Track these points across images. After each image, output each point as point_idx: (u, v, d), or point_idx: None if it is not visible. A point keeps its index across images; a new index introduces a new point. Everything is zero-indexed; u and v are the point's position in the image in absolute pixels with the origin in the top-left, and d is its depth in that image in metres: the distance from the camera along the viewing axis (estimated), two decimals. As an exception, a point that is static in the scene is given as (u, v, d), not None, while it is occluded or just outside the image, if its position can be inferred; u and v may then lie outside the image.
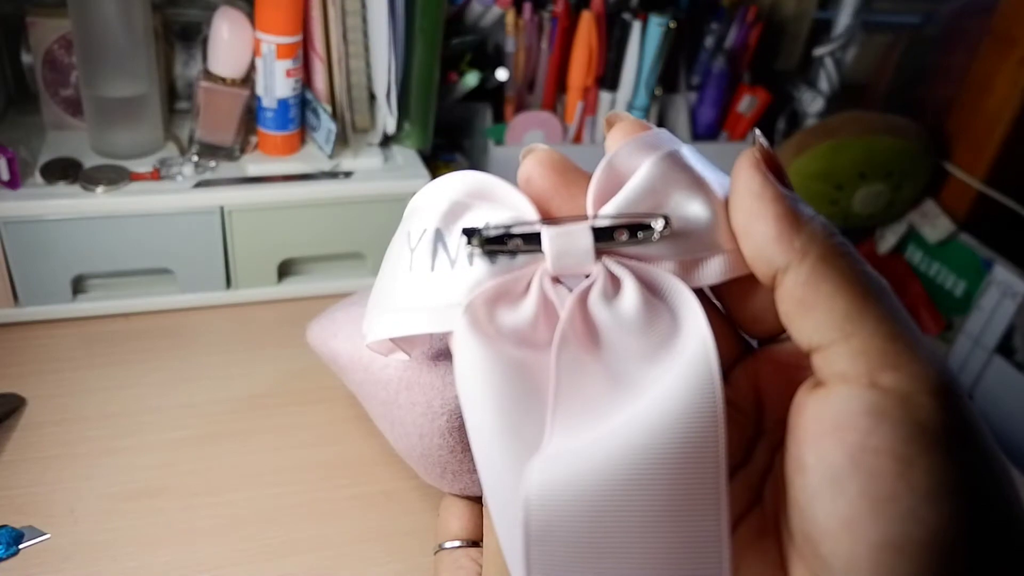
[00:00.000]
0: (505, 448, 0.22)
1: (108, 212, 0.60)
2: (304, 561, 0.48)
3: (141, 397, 0.57)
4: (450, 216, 0.25)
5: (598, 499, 0.20)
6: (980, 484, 0.19)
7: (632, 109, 0.84)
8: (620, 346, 0.23)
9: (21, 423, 0.54)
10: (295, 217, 0.65)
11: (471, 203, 0.25)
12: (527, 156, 0.25)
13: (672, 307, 0.23)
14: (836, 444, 0.19)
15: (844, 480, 0.19)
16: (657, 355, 0.22)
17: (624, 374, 0.22)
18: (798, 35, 0.94)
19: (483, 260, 0.24)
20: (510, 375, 0.22)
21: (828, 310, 0.20)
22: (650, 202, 0.23)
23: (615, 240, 0.23)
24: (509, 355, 0.23)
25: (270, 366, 0.61)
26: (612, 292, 0.23)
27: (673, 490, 0.20)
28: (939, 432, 0.19)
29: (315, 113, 0.67)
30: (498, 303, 0.23)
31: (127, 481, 0.51)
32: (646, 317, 0.22)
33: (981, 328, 0.84)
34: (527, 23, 0.78)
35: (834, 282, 0.20)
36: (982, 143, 0.81)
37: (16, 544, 0.46)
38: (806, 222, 0.22)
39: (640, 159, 0.23)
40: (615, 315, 0.22)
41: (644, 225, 0.23)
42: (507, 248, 0.23)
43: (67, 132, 0.66)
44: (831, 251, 0.21)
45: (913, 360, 0.19)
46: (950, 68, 0.89)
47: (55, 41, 0.63)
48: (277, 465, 0.53)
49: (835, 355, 0.20)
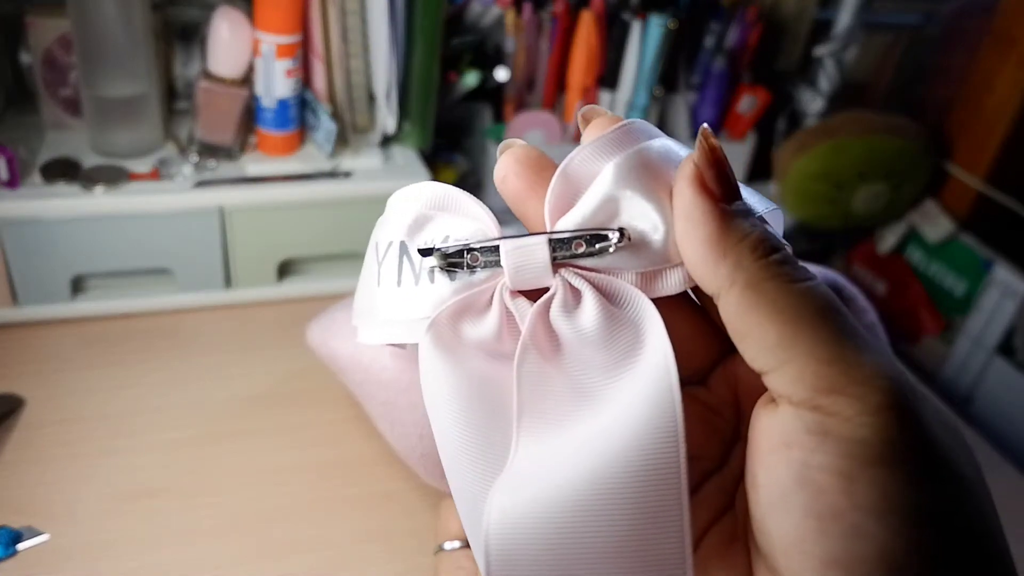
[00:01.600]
0: (472, 461, 0.22)
1: (107, 212, 0.60)
2: (304, 561, 0.48)
3: (141, 397, 0.57)
4: (414, 228, 0.25)
5: (559, 527, 0.20)
6: (932, 499, 0.18)
7: (632, 109, 0.84)
8: (582, 358, 0.22)
9: (20, 423, 0.54)
10: (295, 217, 0.65)
11: (433, 215, 0.25)
12: (503, 153, 0.24)
13: (633, 319, 0.22)
14: (782, 462, 0.19)
15: (791, 497, 0.19)
16: (619, 368, 0.22)
17: (586, 387, 0.22)
18: (798, 35, 0.94)
19: (444, 276, 0.24)
20: (476, 389, 0.22)
21: (760, 339, 0.20)
22: (608, 211, 0.22)
23: (573, 252, 0.22)
24: (474, 369, 0.23)
25: (270, 366, 0.61)
26: (573, 304, 0.22)
27: (635, 513, 0.20)
28: (882, 448, 0.18)
29: (315, 113, 0.67)
30: (462, 318, 0.23)
31: (126, 481, 0.51)
32: (607, 329, 0.22)
33: (981, 328, 0.84)
34: (527, 23, 0.78)
35: (762, 310, 0.20)
36: (982, 143, 0.81)
37: (15, 544, 0.46)
38: (733, 244, 0.20)
39: (599, 164, 0.23)
40: (575, 327, 0.22)
41: (601, 236, 0.22)
42: (466, 263, 0.23)
43: (66, 132, 0.66)
44: (759, 276, 0.20)
45: (852, 382, 0.19)
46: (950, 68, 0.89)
47: (54, 41, 0.63)
48: (277, 465, 0.53)
49: (777, 378, 0.20)
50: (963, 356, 0.86)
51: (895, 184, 0.82)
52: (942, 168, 0.85)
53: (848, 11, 0.83)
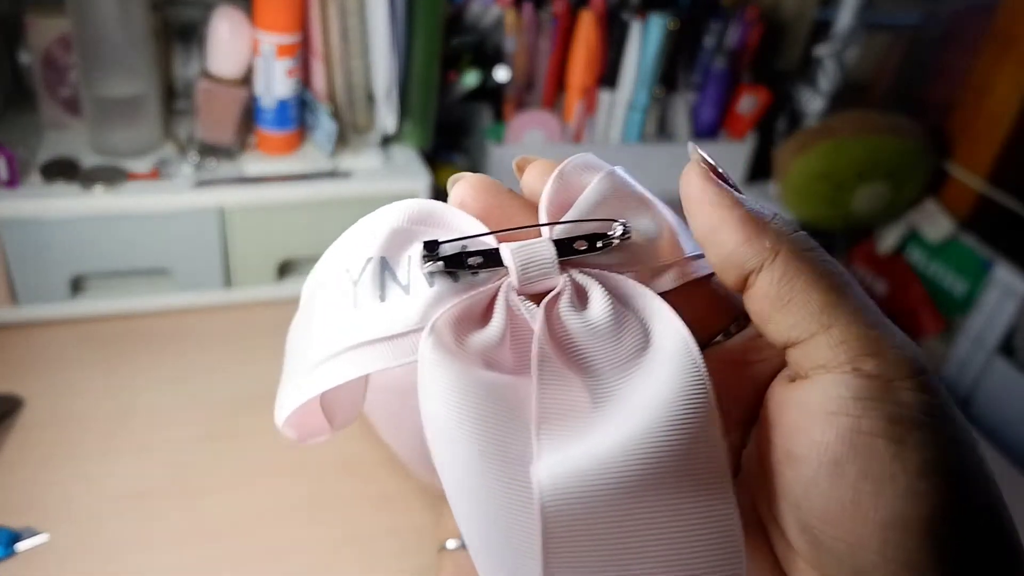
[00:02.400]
0: (491, 469, 0.21)
1: (107, 212, 0.60)
2: (304, 561, 0.48)
3: (140, 397, 0.57)
4: (394, 245, 0.24)
5: (611, 489, 0.20)
6: (964, 460, 0.20)
7: (632, 109, 0.84)
8: (596, 354, 0.22)
9: (19, 423, 0.54)
10: (295, 217, 0.65)
11: (416, 229, 0.24)
12: (455, 185, 0.25)
13: (638, 311, 0.23)
14: (830, 429, 0.20)
15: (844, 463, 0.20)
16: (636, 358, 0.22)
17: (605, 382, 0.22)
18: (798, 35, 0.94)
19: (445, 279, 0.23)
20: (485, 395, 0.22)
21: (804, 304, 0.21)
22: (604, 213, 0.23)
23: (575, 250, 0.23)
24: (480, 376, 0.22)
25: (269, 366, 0.61)
26: (580, 301, 0.23)
27: (681, 475, 0.20)
28: (922, 412, 0.20)
29: (315, 113, 0.67)
30: (463, 322, 0.23)
31: (125, 481, 0.51)
32: (618, 321, 0.22)
33: (981, 328, 0.83)
34: (527, 23, 0.78)
35: (807, 276, 0.21)
36: (982, 143, 0.81)
37: (14, 544, 0.46)
38: (768, 221, 0.22)
39: (587, 175, 0.24)
40: (586, 323, 0.22)
41: (600, 235, 0.23)
42: (467, 265, 0.23)
43: (66, 131, 0.66)
44: (799, 246, 0.21)
45: (891, 346, 0.20)
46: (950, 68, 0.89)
47: (54, 41, 0.63)
48: (277, 465, 0.53)
49: (815, 347, 0.21)
50: (963, 356, 0.86)
51: (895, 184, 0.82)
52: (942, 168, 0.85)
53: (848, 11, 0.83)
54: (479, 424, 0.21)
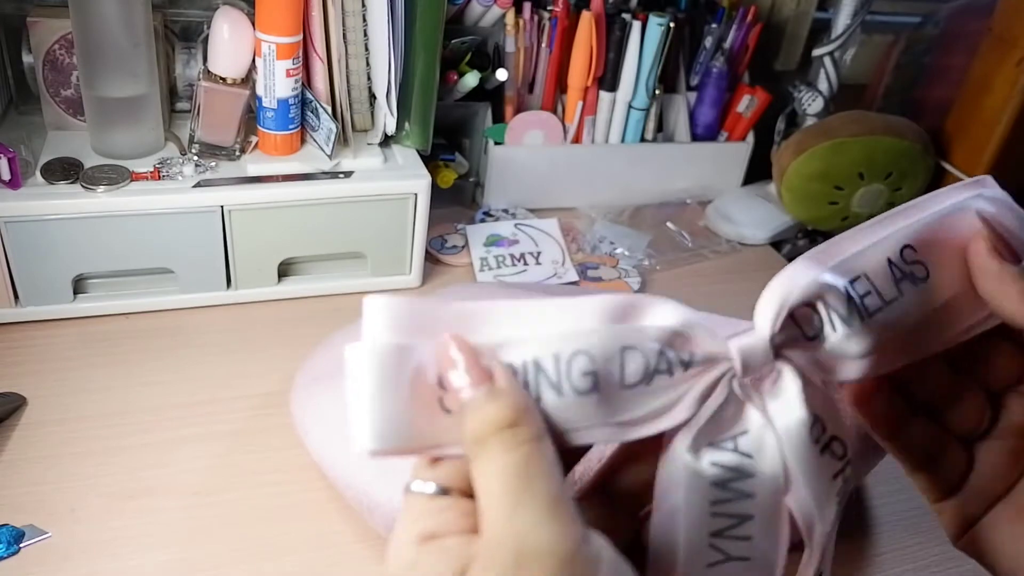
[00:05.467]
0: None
1: (109, 212, 0.60)
2: (304, 561, 0.48)
3: (141, 397, 0.57)
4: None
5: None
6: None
7: (632, 109, 0.84)
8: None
9: (21, 422, 0.54)
10: (295, 217, 0.65)
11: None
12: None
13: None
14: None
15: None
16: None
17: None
18: (798, 35, 0.94)
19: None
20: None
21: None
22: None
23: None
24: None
25: (270, 365, 0.61)
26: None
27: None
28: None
29: (315, 113, 0.67)
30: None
31: (127, 480, 0.51)
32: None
33: (980, 328, 0.83)
34: (527, 23, 0.78)
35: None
36: (981, 143, 0.81)
37: (17, 543, 0.46)
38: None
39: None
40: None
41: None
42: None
43: (68, 132, 0.66)
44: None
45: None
46: (949, 68, 0.89)
47: (56, 41, 0.63)
48: (277, 465, 0.53)
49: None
50: (962, 356, 0.86)
51: (894, 184, 0.82)
52: (941, 168, 0.85)
53: (847, 11, 0.83)
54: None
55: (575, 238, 0.81)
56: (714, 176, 0.91)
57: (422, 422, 0.23)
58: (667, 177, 0.89)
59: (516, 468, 0.22)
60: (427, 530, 0.23)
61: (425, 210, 0.69)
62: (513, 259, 0.77)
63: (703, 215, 0.89)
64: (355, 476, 0.47)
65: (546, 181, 0.84)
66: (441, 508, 0.23)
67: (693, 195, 0.90)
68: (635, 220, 0.86)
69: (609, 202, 0.87)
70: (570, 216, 0.84)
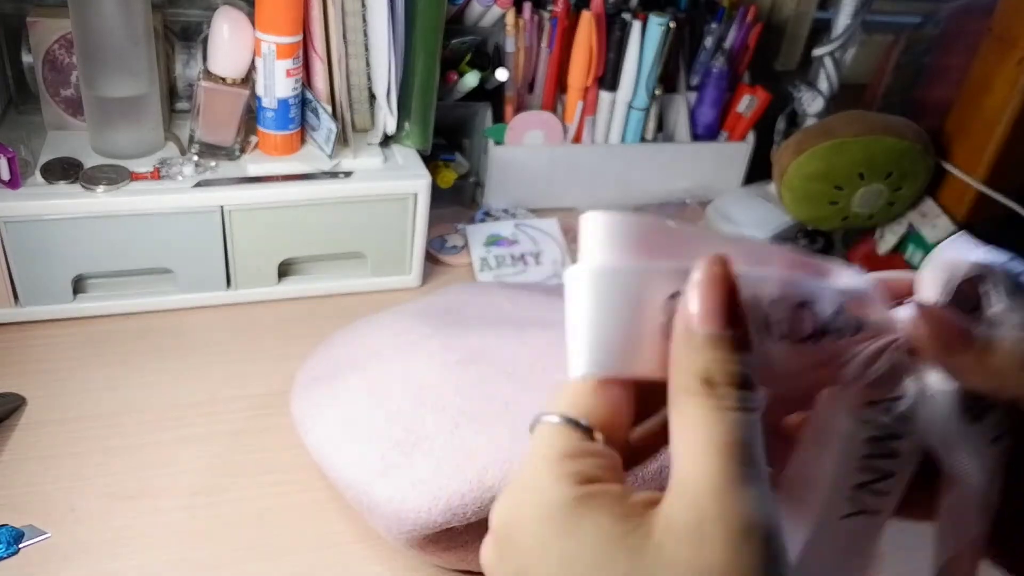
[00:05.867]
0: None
1: (108, 212, 0.60)
2: (304, 561, 0.48)
3: (141, 396, 0.57)
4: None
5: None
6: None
7: (632, 109, 0.84)
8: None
9: (21, 422, 0.54)
10: (295, 217, 0.65)
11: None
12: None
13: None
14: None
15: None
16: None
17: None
18: (798, 35, 0.94)
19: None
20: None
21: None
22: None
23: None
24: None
25: (270, 365, 0.61)
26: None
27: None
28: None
29: (315, 113, 0.67)
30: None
31: (127, 480, 0.51)
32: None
33: (980, 328, 0.83)
34: (527, 23, 0.78)
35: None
36: (982, 143, 0.81)
37: (17, 543, 0.46)
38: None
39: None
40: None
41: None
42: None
43: (67, 132, 0.66)
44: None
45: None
46: (950, 68, 0.89)
47: (56, 41, 0.63)
48: (277, 465, 0.53)
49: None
50: (962, 356, 0.86)
51: (895, 184, 0.82)
52: (941, 168, 0.85)
53: (847, 11, 0.83)
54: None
55: (575, 238, 0.81)
56: (714, 176, 0.91)
57: (641, 348, 0.22)
58: (667, 177, 0.89)
59: (745, 435, 0.20)
60: (583, 473, 0.20)
61: (425, 210, 0.69)
62: (513, 259, 0.77)
63: (703, 215, 0.89)
64: (355, 476, 0.47)
65: (546, 181, 0.84)
66: (591, 451, 0.21)
67: (693, 195, 0.90)
68: (635, 220, 0.86)
69: (609, 202, 0.87)
70: (570, 216, 0.84)
